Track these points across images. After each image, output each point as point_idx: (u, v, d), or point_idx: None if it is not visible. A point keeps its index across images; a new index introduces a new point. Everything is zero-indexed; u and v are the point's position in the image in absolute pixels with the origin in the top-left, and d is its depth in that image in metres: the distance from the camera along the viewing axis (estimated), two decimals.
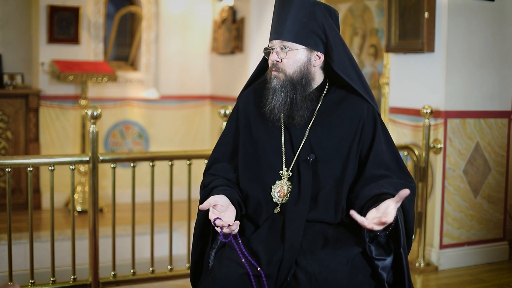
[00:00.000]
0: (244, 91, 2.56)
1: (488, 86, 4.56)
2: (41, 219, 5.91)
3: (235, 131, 2.51)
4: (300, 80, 2.36)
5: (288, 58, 2.35)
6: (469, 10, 4.42)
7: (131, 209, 3.92)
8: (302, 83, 2.36)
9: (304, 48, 2.36)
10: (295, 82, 2.35)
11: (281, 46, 2.35)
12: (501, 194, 4.68)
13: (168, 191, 4.07)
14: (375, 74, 5.90)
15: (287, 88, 2.35)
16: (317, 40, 2.37)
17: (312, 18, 2.35)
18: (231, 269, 2.20)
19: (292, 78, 2.35)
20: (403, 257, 2.25)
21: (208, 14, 7.10)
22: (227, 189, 2.38)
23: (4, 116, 6.13)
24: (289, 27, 2.34)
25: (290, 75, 2.35)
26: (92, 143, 3.73)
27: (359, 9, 6.05)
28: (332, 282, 2.16)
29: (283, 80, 2.35)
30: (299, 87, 2.36)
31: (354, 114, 2.39)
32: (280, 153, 2.40)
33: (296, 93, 2.35)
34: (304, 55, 2.36)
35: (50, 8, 6.25)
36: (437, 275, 4.37)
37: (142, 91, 6.95)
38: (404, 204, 2.28)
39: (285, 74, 2.35)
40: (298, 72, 2.36)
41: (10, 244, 3.60)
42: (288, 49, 2.35)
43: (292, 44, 2.34)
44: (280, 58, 2.36)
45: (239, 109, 2.52)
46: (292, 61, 2.35)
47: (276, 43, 2.37)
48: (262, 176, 2.40)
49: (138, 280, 3.99)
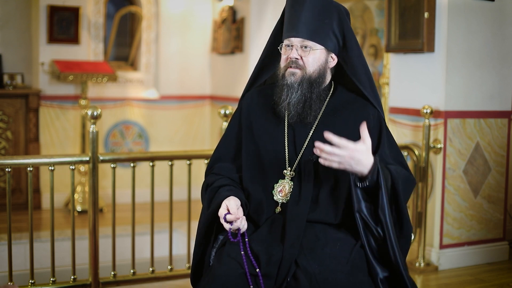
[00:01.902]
0: (247, 91, 2.56)
1: (488, 86, 4.56)
2: (41, 219, 5.91)
3: (238, 131, 2.51)
4: (317, 79, 2.35)
5: (308, 57, 2.34)
6: (469, 10, 4.42)
7: (131, 209, 3.92)
8: (318, 82, 2.36)
9: (323, 49, 2.35)
10: (312, 80, 2.35)
11: (302, 45, 2.34)
12: (501, 194, 4.68)
13: (168, 191, 4.07)
14: (375, 74, 5.90)
15: (304, 86, 2.34)
16: (334, 41, 2.37)
17: (332, 19, 2.35)
18: (231, 267, 2.20)
19: (311, 76, 2.34)
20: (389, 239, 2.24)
21: (208, 14, 7.10)
22: (233, 189, 2.38)
23: (4, 116, 6.13)
24: (308, 26, 2.32)
25: (309, 73, 2.34)
26: (92, 143, 3.73)
27: (359, 9, 6.05)
28: (332, 282, 2.16)
29: (301, 78, 2.34)
30: (316, 86, 2.35)
31: (360, 118, 2.37)
32: (283, 153, 2.40)
33: (312, 92, 2.35)
34: (323, 55, 2.36)
35: (50, 8, 6.25)
36: (437, 275, 4.37)
37: (142, 91, 6.95)
38: (398, 193, 2.28)
39: (305, 71, 2.34)
40: (317, 71, 2.35)
41: (10, 244, 3.60)
42: (309, 48, 2.33)
43: (313, 43, 2.33)
44: (299, 55, 2.35)
45: (242, 110, 2.51)
46: (312, 59, 2.34)
47: (295, 40, 2.34)
48: (264, 175, 2.40)
49: (138, 280, 3.99)
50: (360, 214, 2.25)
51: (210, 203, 2.39)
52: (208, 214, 2.38)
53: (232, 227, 2.23)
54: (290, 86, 2.34)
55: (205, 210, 2.41)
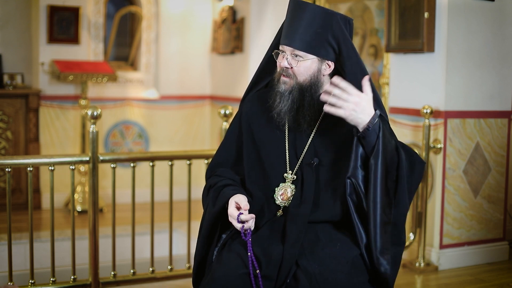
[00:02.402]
0: (247, 95, 2.56)
1: (488, 86, 4.56)
2: (41, 219, 5.91)
3: (238, 136, 2.51)
4: (309, 87, 2.34)
5: (299, 66, 2.33)
6: (469, 10, 4.42)
7: (131, 209, 3.92)
8: (310, 90, 2.34)
9: (315, 58, 2.34)
10: (304, 89, 2.33)
11: (292, 54, 2.33)
12: (501, 194, 4.68)
13: (168, 191, 4.07)
14: (375, 74, 5.89)
15: (295, 94, 2.33)
16: (329, 49, 2.34)
17: (327, 29, 2.32)
18: (231, 268, 2.20)
19: (302, 85, 2.33)
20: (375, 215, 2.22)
21: (208, 14, 7.10)
22: (237, 189, 2.38)
23: (4, 116, 6.13)
24: (302, 35, 2.31)
25: (300, 82, 2.33)
26: (92, 143, 3.73)
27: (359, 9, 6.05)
28: (332, 282, 2.16)
29: (292, 86, 2.33)
30: (307, 94, 2.34)
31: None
32: (284, 157, 2.40)
33: (304, 100, 2.33)
34: (315, 64, 2.34)
35: (50, 8, 6.25)
36: (437, 275, 4.37)
37: (142, 91, 6.95)
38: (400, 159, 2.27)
39: (295, 80, 2.33)
40: (308, 80, 2.34)
41: (10, 244, 3.60)
42: (299, 57, 2.32)
43: (304, 53, 2.32)
44: (290, 65, 2.34)
45: (242, 114, 2.51)
46: (303, 69, 2.33)
47: (287, 49, 2.34)
48: (265, 179, 2.40)
49: (138, 280, 3.99)
50: (351, 180, 2.24)
51: (215, 202, 2.39)
52: (213, 213, 2.38)
53: (245, 226, 2.24)
54: (282, 94, 2.34)
55: (210, 209, 2.40)
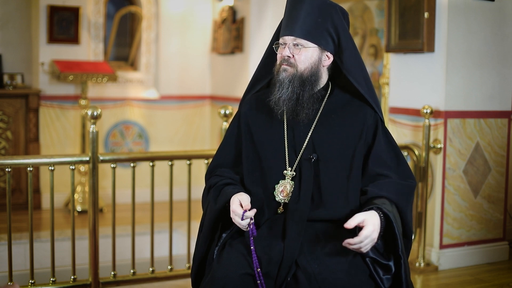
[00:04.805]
0: (246, 96, 2.56)
1: (488, 86, 4.56)
2: (41, 219, 5.91)
3: (237, 137, 2.52)
4: (309, 77, 2.36)
5: (300, 54, 2.34)
6: (469, 10, 4.42)
7: (131, 209, 3.92)
8: (311, 80, 2.36)
9: (316, 47, 2.35)
10: (304, 78, 2.35)
11: (294, 43, 2.35)
12: (501, 194, 4.68)
13: (168, 191, 4.07)
14: (375, 74, 5.90)
15: (295, 84, 2.34)
16: (329, 40, 2.37)
17: (326, 19, 2.35)
18: (231, 269, 2.20)
19: (303, 74, 2.35)
20: (402, 261, 2.26)
21: (208, 14, 7.10)
22: (238, 188, 2.39)
23: (4, 116, 6.13)
24: (303, 25, 2.33)
25: (301, 71, 2.35)
26: (92, 143, 3.73)
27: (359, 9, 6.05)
28: (332, 282, 2.16)
29: (292, 75, 2.34)
30: (308, 84, 2.35)
31: (357, 118, 2.40)
32: (283, 153, 2.40)
33: (304, 90, 2.35)
34: (316, 53, 2.36)
35: (50, 8, 6.25)
36: (437, 275, 4.37)
37: (142, 91, 6.95)
38: (401, 206, 2.30)
39: (296, 69, 2.35)
40: (309, 69, 2.35)
41: (10, 244, 3.60)
42: (300, 46, 2.34)
43: (305, 41, 2.34)
44: (292, 53, 2.35)
45: (240, 115, 2.52)
46: (304, 57, 2.35)
47: (289, 39, 2.35)
48: (265, 177, 2.40)
49: (138, 280, 3.99)
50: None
51: (216, 200, 2.39)
52: (215, 210, 2.38)
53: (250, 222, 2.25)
54: (281, 82, 2.35)
55: (212, 206, 2.40)
